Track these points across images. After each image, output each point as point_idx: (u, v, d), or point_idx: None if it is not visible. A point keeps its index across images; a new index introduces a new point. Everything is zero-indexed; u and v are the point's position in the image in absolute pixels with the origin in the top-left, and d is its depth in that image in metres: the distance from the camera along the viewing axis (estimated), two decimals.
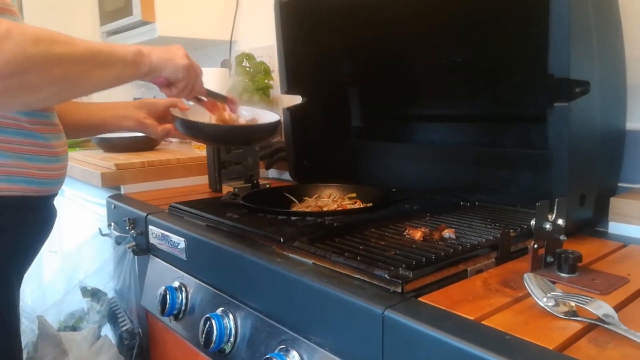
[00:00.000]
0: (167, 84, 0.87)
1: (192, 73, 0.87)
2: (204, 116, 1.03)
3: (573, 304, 0.54)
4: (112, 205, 1.24)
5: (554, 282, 0.61)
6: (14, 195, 0.79)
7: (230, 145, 1.29)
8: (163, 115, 1.06)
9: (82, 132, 1.20)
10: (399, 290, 0.60)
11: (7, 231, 0.81)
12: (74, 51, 0.69)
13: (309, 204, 1.07)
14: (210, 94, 0.99)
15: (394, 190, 1.10)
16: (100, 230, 1.24)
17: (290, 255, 0.76)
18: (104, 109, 1.08)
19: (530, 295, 0.56)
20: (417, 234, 0.78)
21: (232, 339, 0.79)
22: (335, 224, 0.89)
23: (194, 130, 1.01)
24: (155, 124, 1.04)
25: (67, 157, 0.91)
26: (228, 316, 0.80)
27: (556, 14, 0.73)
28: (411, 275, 0.61)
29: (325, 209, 1.01)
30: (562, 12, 0.73)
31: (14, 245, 0.83)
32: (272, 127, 1.03)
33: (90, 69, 0.72)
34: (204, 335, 0.80)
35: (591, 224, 0.87)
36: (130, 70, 0.79)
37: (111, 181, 1.33)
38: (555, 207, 0.68)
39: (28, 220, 0.84)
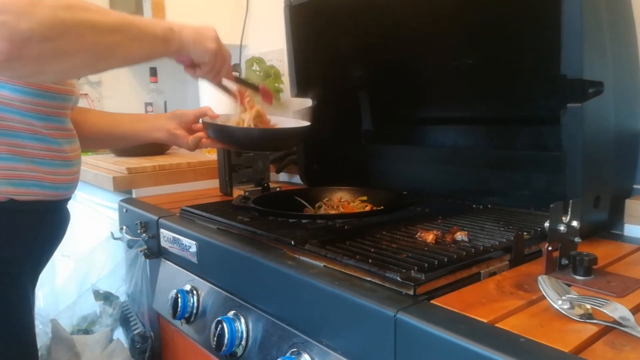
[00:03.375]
0: (192, 65, 0.86)
1: (220, 58, 0.86)
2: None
3: (589, 306, 0.53)
4: (124, 209, 1.25)
5: (569, 285, 0.60)
6: (28, 199, 0.80)
7: (261, 150, 1.27)
8: (193, 127, 1.05)
9: (108, 142, 1.20)
10: (411, 292, 0.60)
11: (21, 234, 0.81)
12: (107, 20, 0.69)
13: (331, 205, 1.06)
14: (240, 81, 0.97)
15: (405, 193, 1.10)
16: (112, 233, 1.25)
17: (301, 258, 0.76)
18: (133, 120, 1.08)
19: (545, 298, 0.56)
20: (429, 237, 0.77)
21: (243, 342, 0.79)
22: (346, 227, 0.89)
23: (224, 135, 0.98)
24: (185, 134, 1.03)
25: (79, 162, 0.91)
26: (239, 319, 0.80)
27: (568, 13, 0.73)
28: (423, 278, 0.61)
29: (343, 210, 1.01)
30: (573, 11, 0.72)
31: (28, 248, 0.84)
32: (304, 132, 1.02)
33: (123, 40, 0.71)
34: (215, 339, 0.80)
35: (606, 226, 0.86)
36: (161, 47, 0.78)
37: (123, 185, 1.34)
38: (569, 209, 0.67)
39: (41, 224, 0.85)
